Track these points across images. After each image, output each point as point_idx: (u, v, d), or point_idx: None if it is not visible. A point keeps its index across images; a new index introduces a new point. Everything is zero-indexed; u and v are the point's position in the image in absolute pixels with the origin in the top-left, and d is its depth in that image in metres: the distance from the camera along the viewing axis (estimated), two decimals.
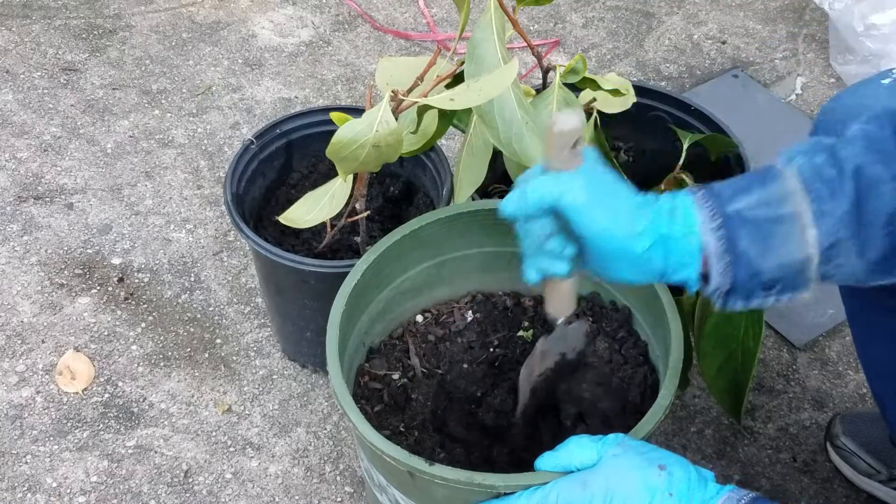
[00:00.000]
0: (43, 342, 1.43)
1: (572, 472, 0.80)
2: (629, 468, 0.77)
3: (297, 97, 1.82)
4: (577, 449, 0.80)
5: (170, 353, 1.42)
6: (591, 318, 1.07)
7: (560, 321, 0.90)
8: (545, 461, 0.82)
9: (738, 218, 0.74)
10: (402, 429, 1.01)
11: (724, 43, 1.94)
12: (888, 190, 0.74)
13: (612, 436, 0.81)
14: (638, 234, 0.75)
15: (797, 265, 0.74)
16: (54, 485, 1.27)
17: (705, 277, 0.76)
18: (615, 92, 1.16)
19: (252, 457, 1.30)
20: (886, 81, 0.93)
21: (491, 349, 1.09)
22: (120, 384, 1.38)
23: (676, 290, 0.99)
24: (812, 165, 0.75)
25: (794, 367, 1.40)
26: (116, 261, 1.54)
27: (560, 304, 0.89)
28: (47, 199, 1.63)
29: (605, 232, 0.75)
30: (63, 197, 1.63)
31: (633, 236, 0.75)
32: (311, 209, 1.08)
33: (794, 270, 0.74)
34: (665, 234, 0.75)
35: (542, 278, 0.84)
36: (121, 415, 1.35)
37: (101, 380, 1.39)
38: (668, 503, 0.75)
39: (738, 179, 0.77)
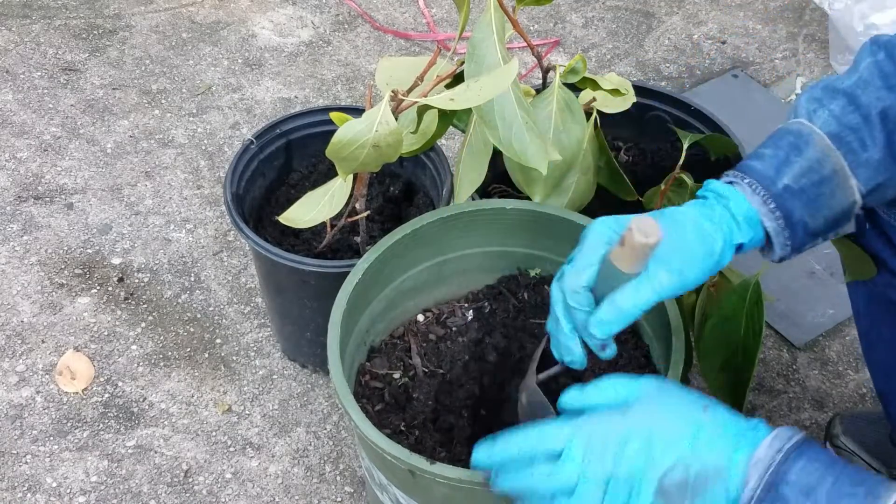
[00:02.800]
0: (43, 342, 1.43)
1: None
2: (674, 401, 0.74)
3: (297, 97, 1.82)
4: (611, 388, 0.75)
5: (170, 353, 1.42)
6: None
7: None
8: (571, 398, 0.76)
9: (787, 192, 0.80)
10: (402, 428, 1.01)
11: (724, 43, 1.94)
12: None
13: (649, 376, 0.77)
14: (718, 254, 0.79)
15: (845, 211, 0.82)
16: (54, 485, 1.27)
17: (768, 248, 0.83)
18: (615, 92, 1.16)
19: (252, 457, 1.30)
20: None
21: (492, 348, 1.09)
22: (120, 384, 1.38)
23: None
24: (834, 117, 0.80)
25: (794, 367, 1.40)
26: (116, 261, 1.54)
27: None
28: (47, 199, 1.63)
29: (695, 279, 0.79)
30: (63, 197, 1.63)
31: (716, 259, 0.79)
32: (311, 209, 1.08)
33: (842, 216, 0.82)
34: (737, 242, 0.80)
35: None
36: (121, 415, 1.35)
37: (101, 380, 1.39)
38: (712, 439, 0.71)
39: (772, 151, 0.81)
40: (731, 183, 0.82)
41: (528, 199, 1.12)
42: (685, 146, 1.20)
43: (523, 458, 0.74)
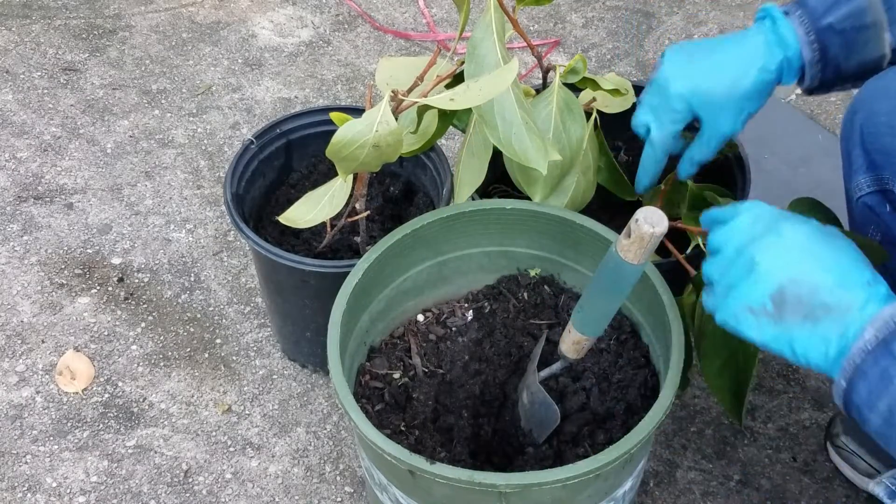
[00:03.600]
0: (43, 342, 1.43)
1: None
2: (845, 242, 0.75)
3: (297, 97, 1.82)
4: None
5: (170, 353, 1.42)
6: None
7: (570, 359, 0.94)
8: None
9: (829, 31, 0.93)
10: (402, 428, 1.01)
11: None
12: None
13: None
14: (763, 64, 0.96)
15: (873, 62, 0.96)
16: (54, 485, 1.27)
17: (800, 80, 0.97)
18: (615, 92, 1.16)
19: (252, 457, 1.30)
20: None
21: (492, 348, 1.09)
22: (120, 384, 1.38)
23: (677, 291, 1.00)
24: None
25: (794, 367, 1.40)
26: (116, 261, 1.54)
27: (574, 350, 0.93)
28: (47, 199, 1.63)
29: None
30: (63, 197, 1.64)
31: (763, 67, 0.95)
32: (311, 209, 1.08)
33: (870, 67, 0.96)
34: (779, 58, 0.95)
35: None
36: (121, 415, 1.35)
37: (101, 380, 1.39)
38: (857, 284, 0.72)
39: None
40: (786, 13, 0.95)
41: (528, 199, 1.12)
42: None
43: (714, 219, 0.82)
